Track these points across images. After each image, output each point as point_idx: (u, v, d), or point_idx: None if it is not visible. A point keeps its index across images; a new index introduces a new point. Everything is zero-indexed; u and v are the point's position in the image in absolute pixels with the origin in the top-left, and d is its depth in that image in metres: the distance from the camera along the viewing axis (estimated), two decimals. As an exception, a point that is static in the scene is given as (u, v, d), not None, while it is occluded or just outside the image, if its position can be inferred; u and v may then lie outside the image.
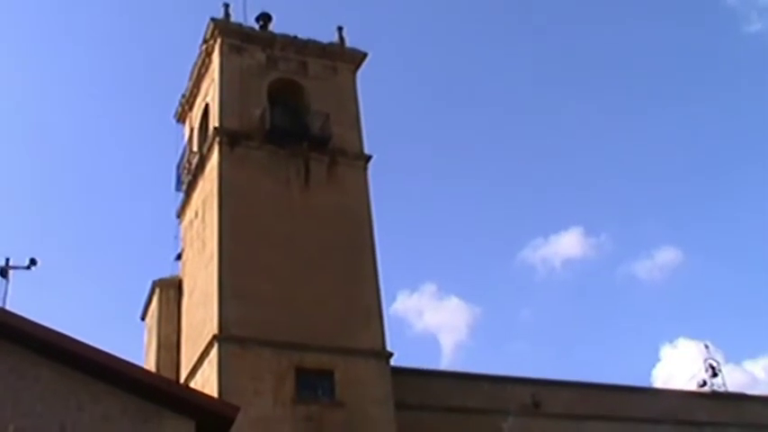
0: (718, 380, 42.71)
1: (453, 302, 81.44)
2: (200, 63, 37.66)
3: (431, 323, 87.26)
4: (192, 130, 38.53)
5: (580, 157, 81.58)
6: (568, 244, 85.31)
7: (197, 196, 35.44)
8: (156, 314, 35.98)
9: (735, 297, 79.34)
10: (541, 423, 36.63)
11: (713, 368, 42.89)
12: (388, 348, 31.47)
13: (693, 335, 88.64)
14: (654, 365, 79.17)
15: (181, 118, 40.60)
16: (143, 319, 37.97)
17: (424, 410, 34.06)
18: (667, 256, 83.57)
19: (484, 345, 79.65)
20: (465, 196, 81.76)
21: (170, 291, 36.12)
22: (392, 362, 31.58)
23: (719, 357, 63.80)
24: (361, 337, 31.26)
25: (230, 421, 20.41)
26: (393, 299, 72.74)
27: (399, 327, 71.22)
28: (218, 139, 33.55)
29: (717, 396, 41.93)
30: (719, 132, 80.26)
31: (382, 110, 77.97)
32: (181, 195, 37.73)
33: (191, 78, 38.96)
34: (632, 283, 79.22)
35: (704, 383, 42.55)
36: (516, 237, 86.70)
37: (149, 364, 34.35)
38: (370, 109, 37.65)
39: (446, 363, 72.30)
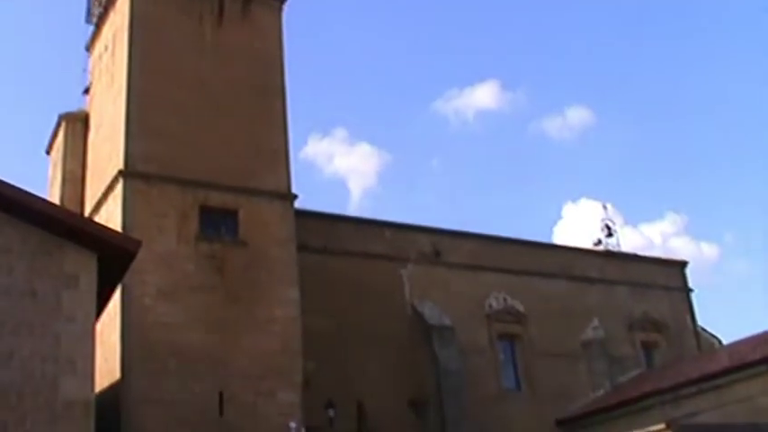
0: (612, 240, 44.48)
1: (364, 148, 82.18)
2: None
3: (341, 168, 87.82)
4: (104, -41, 37.27)
5: (501, 10, 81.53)
6: (483, 97, 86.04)
7: (107, 29, 34.58)
8: (61, 148, 35.47)
9: (640, 162, 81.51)
10: (441, 272, 37.87)
11: (609, 228, 44.56)
12: (294, 191, 31.82)
13: (596, 196, 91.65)
14: (556, 223, 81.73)
15: (92, -53, 39.17)
16: (48, 153, 37.44)
17: (326, 254, 34.93)
18: (579, 115, 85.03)
19: (392, 192, 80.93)
20: (381, 44, 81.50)
21: (76, 125, 35.57)
22: (298, 205, 32.06)
23: (619, 220, 66.27)
24: (266, 178, 31.49)
25: (132, 255, 20.76)
26: (304, 143, 73.20)
27: (309, 170, 71.81)
28: (129, -31, 32.55)
29: (609, 255, 43.65)
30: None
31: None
32: (91, 28, 36.73)
33: None
34: (543, 140, 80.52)
35: (599, 242, 44.21)
36: (431, 87, 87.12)
37: (53, 198, 34.04)
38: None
39: (354, 208, 73.17)
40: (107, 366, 26.03)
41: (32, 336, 18.42)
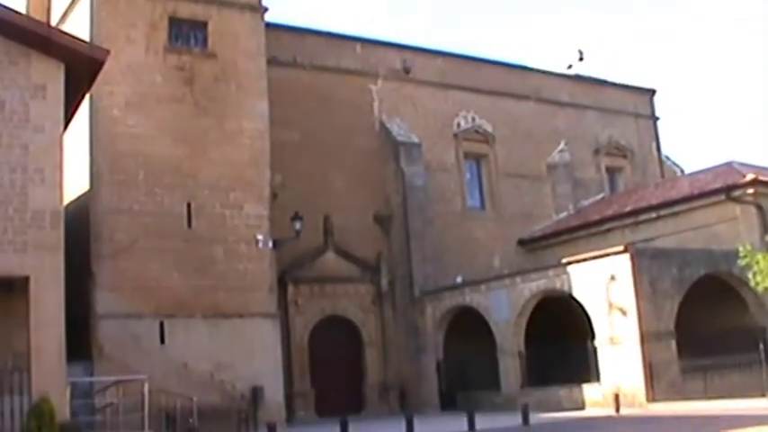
0: (584, 65, 44.27)
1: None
2: None
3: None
4: None
5: None
6: None
7: None
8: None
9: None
10: (410, 89, 37.71)
11: (581, 53, 44.24)
12: (264, 3, 31.01)
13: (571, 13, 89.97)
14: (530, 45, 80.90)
15: None
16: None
17: (296, 67, 34.55)
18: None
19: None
20: None
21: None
22: (269, 17, 31.33)
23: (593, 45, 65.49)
24: (237, -11, 30.64)
25: (100, 65, 20.37)
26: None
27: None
28: None
29: (579, 80, 43.55)
30: None
31: None
32: None
33: None
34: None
35: (570, 67, 44.02)
36: None
37: (19, 7, 32.91)
38: None
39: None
40: (76, 177, 26.00)
41: (0, 146, 18.27)
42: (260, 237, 28.64)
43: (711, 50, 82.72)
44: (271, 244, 28.94)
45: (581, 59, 44.12)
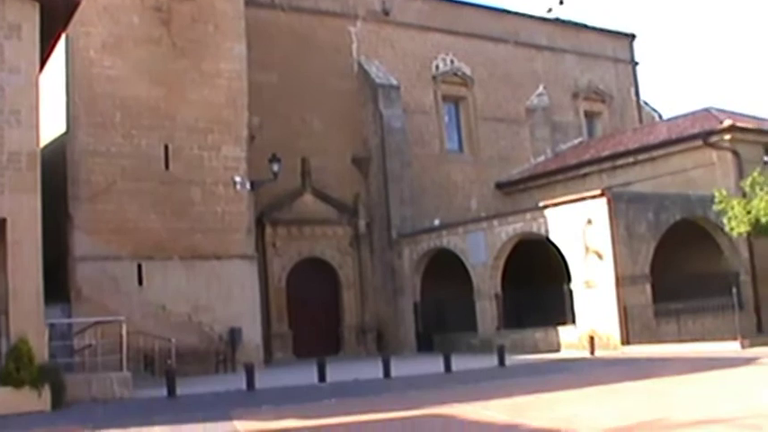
0: (564, 8, 44.13)
1: None
2: None
3: None
4: None
5: None
6: None
7: None
8: None
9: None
10: (389, 31, 37.43)
11: (561, -5, 44.05)
12: (243, -58, 30.62)
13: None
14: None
15: None
16: None
17: (274, 9, 34.20)
18: None
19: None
20: None
21: None
22: (246, -43, 30.93)
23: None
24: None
25: (75, 5, 20.10)
26: None
27: None
28: None
29: (559, 23, 43.34)
30: None
31: None
32: None
33: None
34: None
35: (550, 10, 43.82)
36: None
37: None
38: None
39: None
40: (53, 119, 25.76)
41: (-25, 88, 18.08)
42: (237, 179, 28.58)
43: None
44: (248, 186, 28.89)
45: (561, 3, 43.93)
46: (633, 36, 46.01)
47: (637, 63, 45.68)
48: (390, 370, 22.10)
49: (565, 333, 28.02)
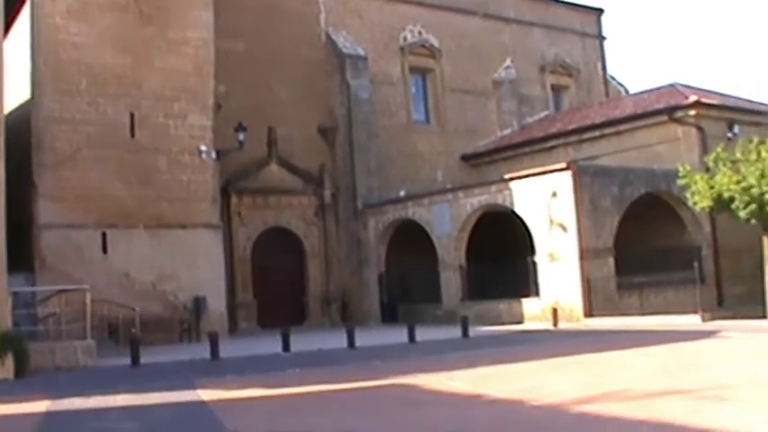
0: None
1: None
2: None
3: None
4: None
5: None
6: None
7: None
8: None
9: None
10: (357, 1, 37.32)
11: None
12: None
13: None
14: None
15: None
16: None
17: (242, -24, 33.90)
18: None
19: None
20: None
21: None
22: None
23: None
24: None
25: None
26: None
27: None
28: None
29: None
30: None
31: None
32: None
33: None
34: None
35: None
36: None
37: None
38: None
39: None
40: (17, 86, 25.43)
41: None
42: (203, 147, 28.43)
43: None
44: (214, 155, 28.74)
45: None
46: (601, 11, 46.12)
47: (604, 38, 45.83)
48: (354, 340, 22.19)
49: (528, 305, 28.26)
